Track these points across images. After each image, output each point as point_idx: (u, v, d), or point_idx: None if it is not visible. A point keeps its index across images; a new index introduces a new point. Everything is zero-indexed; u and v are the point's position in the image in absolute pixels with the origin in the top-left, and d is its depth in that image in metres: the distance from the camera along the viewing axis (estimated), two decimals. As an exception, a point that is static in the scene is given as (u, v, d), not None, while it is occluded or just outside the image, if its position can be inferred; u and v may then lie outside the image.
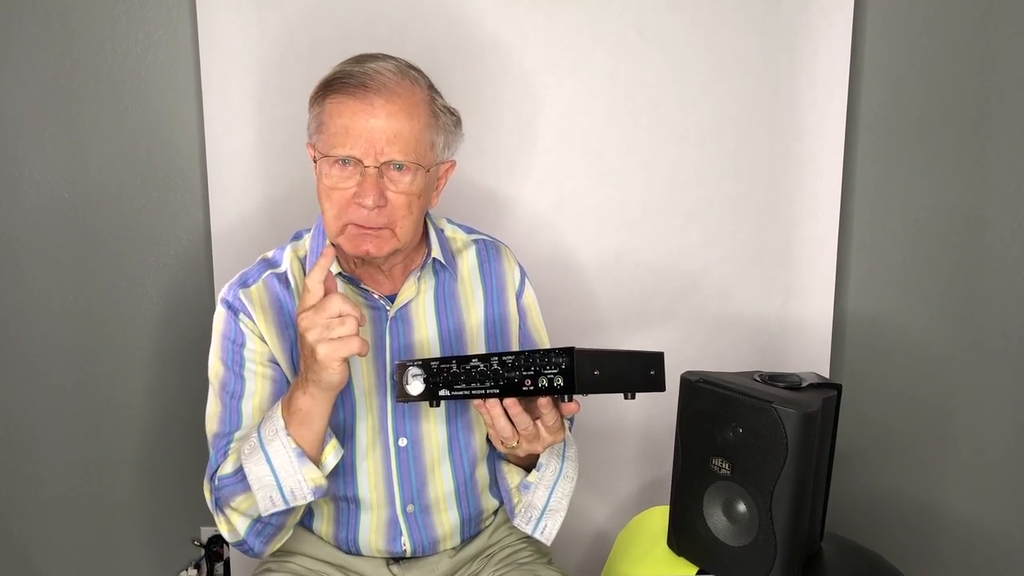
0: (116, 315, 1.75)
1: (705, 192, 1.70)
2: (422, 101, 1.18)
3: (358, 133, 1.14)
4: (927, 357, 1.77)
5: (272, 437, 1.13)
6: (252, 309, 1.23)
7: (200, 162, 1.69)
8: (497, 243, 1.40)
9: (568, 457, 1.27)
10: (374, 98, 1.14)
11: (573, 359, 0.99)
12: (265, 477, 1.13)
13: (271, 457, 1.13)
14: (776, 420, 1.12)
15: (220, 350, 1.25)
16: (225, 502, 1.19)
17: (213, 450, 1.24)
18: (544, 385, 1.02)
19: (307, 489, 1.14)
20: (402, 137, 1.15)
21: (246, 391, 1.23)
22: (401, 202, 1.18)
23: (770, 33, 1.65)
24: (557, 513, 1.24)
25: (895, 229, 1.74)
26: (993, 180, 1.70)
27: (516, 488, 1.27)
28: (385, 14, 1.60)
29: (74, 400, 1.78)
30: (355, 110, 1.15)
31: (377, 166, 1.15)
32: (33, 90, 1.66)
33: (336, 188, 1.17)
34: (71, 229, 1.72)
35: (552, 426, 1.12)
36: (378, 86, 1.15)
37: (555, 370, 1.01)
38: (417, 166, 1.17)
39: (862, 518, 1.82)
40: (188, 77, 1.66)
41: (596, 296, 1.73)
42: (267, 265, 1.29)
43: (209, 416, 1.25)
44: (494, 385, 1.05)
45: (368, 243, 1.19)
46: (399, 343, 1.27)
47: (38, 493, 1.82)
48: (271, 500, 1.14)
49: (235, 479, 1.18)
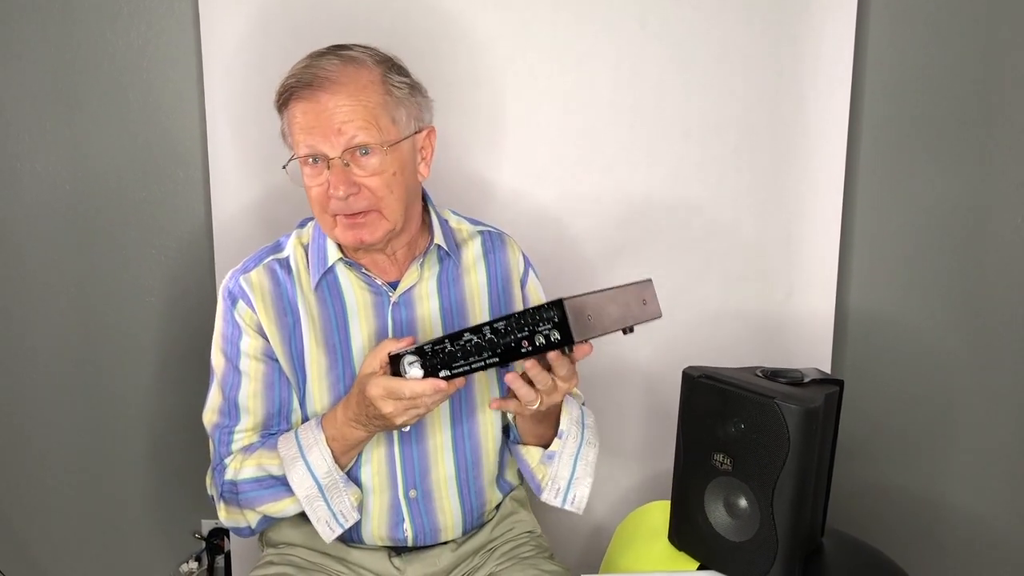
0: (117, 307, 1.75)
1: (707, 186, 1.70)
2: (370, 82, 1.20)
3: (313, 130, 1.18)
4: (929, 353, 1.77)
5: (326, 476, 1.20)
6: (252, 295, 1.26)
7: (201, 153, 1.68)
8: (502, 233, 1.41)
9: (588, 425, 1.29)
10: (319, 93, 1.18)
11: (564, 310, 0.98)
12: (320, 509, 1.20)
13: (329, 498, 1.20)
14: (778, 415, 1.12)
15: (220, 340, 1.28)
16: (247, 504, 1.23)
17: (215, 442, 1.27)
18: (542, 343, 1.01)
19: (354, 509, 1.23)
20: (355, 120, 1.18)
21: (241, 385, 1.26)
22: (377, 183, 1.20)
23: (773, 27, 1.64)
24: (584, 480, 1.26)
25: (898, 224, 1.74)
26: (996, 175, 1.70)
27: (539, 463, 1.28)
28: (387, 5, 1.60)
29: (75, 392, 1.78)
30: (305, 109, 1.19)
31: (339, 156, 1.18)
32: (34, 82, 1.66)
33: (312, 187, 1.21)
34: (72, 221, 1.72)
35: (565, 374, 1.11)
36: (321, 81, 1.18)
37: (549, 325, 1.00)
38: (380, 146, 1.19)
39: (864, 514, 1.82)
40: (190, 68, 1.66)
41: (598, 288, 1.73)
42: (270, 251, 1.32)
43: (210, 406, 1.28)
44: (492, 355, 1.04)
45: (360, 231, 1.21)
46: (402, 328, 1.28)
47: (39, 485, 1.82)
48: (329, 527, 1.21)
49: (260, 485, 1.23)
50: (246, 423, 1.26)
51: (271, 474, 1.22)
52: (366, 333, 1.28)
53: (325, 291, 1.28)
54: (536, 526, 1.44)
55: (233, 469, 1.24)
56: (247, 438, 1.26)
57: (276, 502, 1.23)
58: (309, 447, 1.20)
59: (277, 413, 1.27)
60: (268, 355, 1.26)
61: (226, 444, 1.26)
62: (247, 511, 1.24)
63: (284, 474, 1.20)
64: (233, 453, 1.26)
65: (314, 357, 1.26)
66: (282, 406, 1.27)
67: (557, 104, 1.66)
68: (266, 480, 1.22)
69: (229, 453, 1.26)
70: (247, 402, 1.26)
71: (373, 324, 1.28)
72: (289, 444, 1.21)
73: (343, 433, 1.18)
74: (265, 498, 1.23)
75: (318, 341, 1.26)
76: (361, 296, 1.28)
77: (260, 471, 1.22)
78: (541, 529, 1.45)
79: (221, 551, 1.84)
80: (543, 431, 1.28)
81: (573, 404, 1.29)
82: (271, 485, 1.22)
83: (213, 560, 1.85)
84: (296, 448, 1.20)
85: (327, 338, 1.27)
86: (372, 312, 1.28)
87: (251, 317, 1.26)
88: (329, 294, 1.28)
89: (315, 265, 1.28)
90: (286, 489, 1.21)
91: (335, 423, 1.19)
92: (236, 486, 1.23)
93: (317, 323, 1.27)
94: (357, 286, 1.28)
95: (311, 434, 1.20)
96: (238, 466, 1.24)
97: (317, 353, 1.26)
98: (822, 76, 1.66)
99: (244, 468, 1.23)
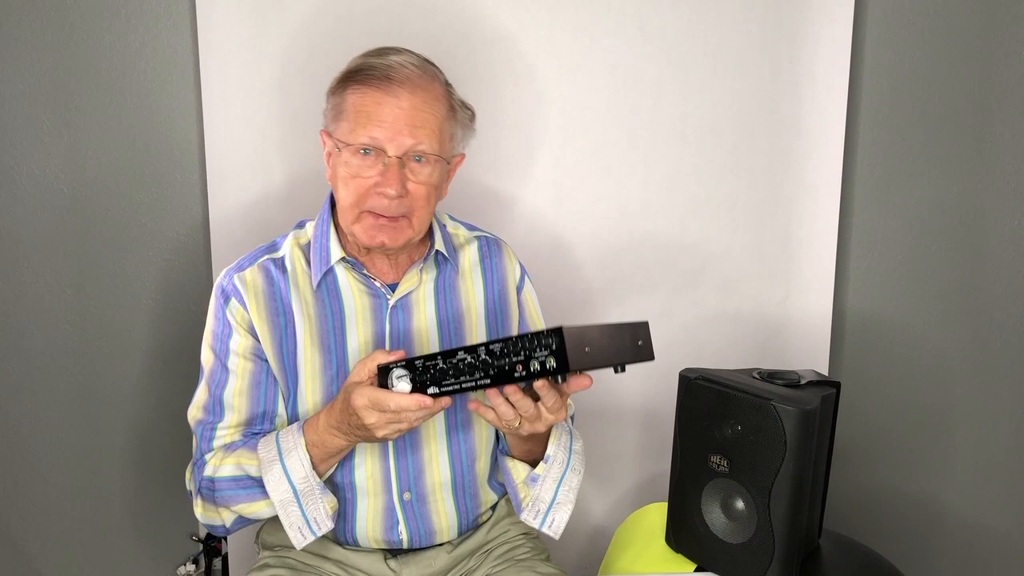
0: (114, 309, 1.75)
1: (705, 188, 1.70)
2: (442, 95, 1.22)
3: (381, 122, 1.17)
4: (926, 354, 1.77)
5: (303, 481, 1.18)
6: (245, 293, 1.25)
7: (199, 155, 1.68)
8: (498, 240, 1.41)
9: (575, 451, 1.28)
10: (398, 89, 1.17)
11: (563, 338, 0.97)
12: (294, 514, 1.18)
13: (303, 504, 1.18)
14: (775, 417, 1.12)
15: (211, 337, 1.28)
16: (223, 502, 1.22)
17: (197, 436, 1.28)
18: (536, 369, 1.00)
19: (328, 518, 1.20)
20: (425, 128, 1.18)
21: (228, 382, 1.26)
22: (421, 192, 1.21)
23: (771, 29, 1.65)
24: (565, 506, 1.25)
25: (895, 226, 1.74)
26: (993, 177, 1.70)
27: (523, 482, 1.27)
28: (385, 7, 1.60)
29: (72, 394, 1.78)
30: (378, 100, 1.17)
31: (399, 156, 1.18)
32: (31, 83, 1.66)
33: (357, 176, 1.20)
34: (69, 223, 1.71)
35: (552, 406, 1.11)
36: (402, 78, 1.17)
37: (546, 351, 0.99)
38: (437, 157, 1.21)
39: (860, 515, 1.82)
40: (187, 70, 1.66)
41: (595, 292, 1.73)
42: (266, 250, 1.31)
43: (195, 403, 1.29)
44: (484, 376, 1.03)
45: (383, 234, 1.21)
46: (399, 332, 1.28)
47: (35, 487, 1.82)
48: (301, 533, 1.19)
49: (238, 485, 1.21)
50: (229, 420, 1.26)
51: (248, 474, 1.20)
52: (362, 336, 1.27)
53: (324, 292, 1.27)
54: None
55: (212, 466, 1.23)
56: (229, 435, 1.26)
57: (251, 503, 1.21)
58: (288, 451, 1.18)
59: (262, 414, 1.27)
60: (257, 355, 1.26)
61: (208, 440, 1.26)
62: (222, 509, 1.23)
63: (261, 476, 1.19)
64: (214, 450, 1.25)
65: (308, 356, 1.26)
66: (267, 407, 1.27)
67: (555, 107, 1.66)
68: (243, 480, 1.21)
69: (210, 449, 1.26)
70: (232, 399, 1.25)
71: (370, 327, 1.28)
72: (269, 446, 1.20)
73: (323, 439, 1.17)
74: (241, 498, 1.21)
75: (313, 341, 1.26)
76: (359, 299, 1.28)
77: (238, 470, 1.21)
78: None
79: (218, 553, 1.84)
80: (531, 447, 1.27)
81: (563, 429, 1.28)
82: (248, 486, 1.20)
83: (210, 563, 1.85)
84: (276, 451, 1.19)
85: (323, 339, 1.26)
86: (370, 315, 1.28)
87: (243, 315, 1.25)
88: (328, 295, 1.27)
89: (316, 264, 1.27)
90: (262, 491, 1.19)
91: (316, 429, 1.18)
92: (214, 483, 1.22)
93: (314, 323, 1.26)
94: (356, 288, 1.28)
95: (291, 438, 1.19)
96: (217, 463, 1.23)
97: (312, 352, 1.26)
98: (819, 78, 1.66)
99: (223, 466, 1.22)
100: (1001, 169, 1.69)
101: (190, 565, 1.84)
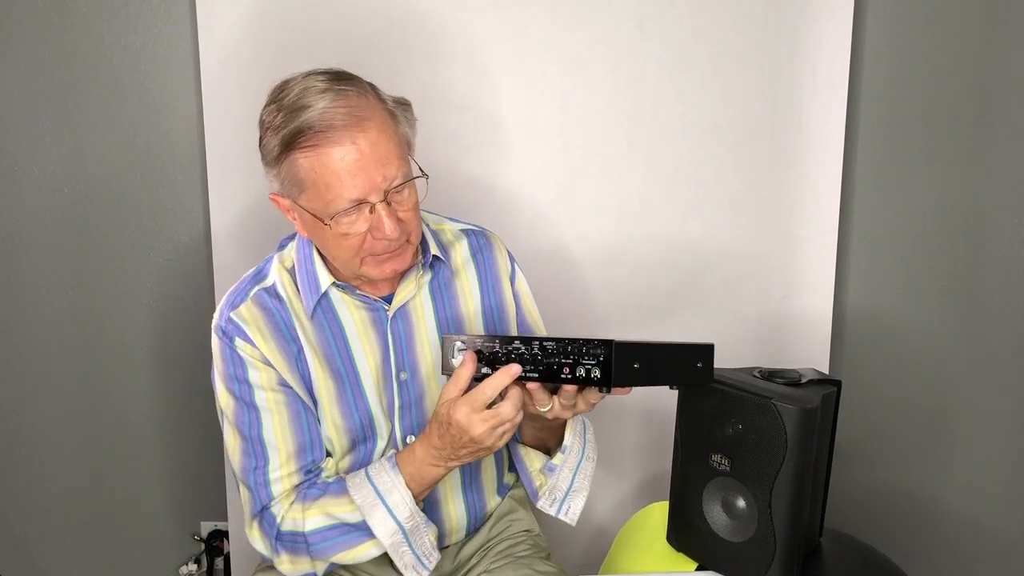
0: (115, 310, 1.75)
1: (705, 187, 1.70)
2: (381, 110, 1.13)
3: (352, 177, 1.09)
4: (927, 353, 1.78)
5: (409, 519, 1.16)
6: (247, 329, 1.19)
7: (200, 156, 1.68)
8: (486, 232, 1.38)
9: (588, 439, 1.29)
10: (346, 135, 1.08)
11: (612, 352, 0.97)
12: (407, 556, 1.17)
13: (412, 542, 1.17)
14: (775, 416, 1.12)
15: (224, 380, 1.21)
16: (320, 555, 1.18)
17: (250, 487, 1.20)
18: (582, 375, 1.00)
19: (434, 548, 1.19)
20: (389, 157, 1.11)
21: (263, 422, 1.19)
22: (411, 216, 1.16)
23: (771, 27, 1.65)
24: (581, 493, 1.25)
25: (895, 225, 1.74)
26: (994, 176, 1.70)
27: (539, 471, 1.27)
28: (384, 7, 1.60)
29: (74, 395, 1.78)
30: (339, 155, 1.08)
31: (383, 199, 1.11)
32: (31, 84, 1.66)
33: (348, 235, 1.13)
34: (70, 224, 1.71)
35: (593, 403, 1.10)
36: (346, 122, 1.08)
37: (593, 361, 0.99)
38: (412, 177, 1.16)
39: (861, 514, 1.82)
40: (187, 70, 1.66)
41: (595, 291, 1.73)
42: (254, 281, 1.24)
43: (231, 449, 1.22)
44: (534, 369, 1.04)
45: (391, 264, 1.17)
46: (401, 341, 1.27)
47: (38, 488, 1.82)
48: (415, 572, 1.18)
49: (336, 534, 1.17)
50: (277, 460, 1.19)
51: (344, 521, 1.16)
52: (369, 352, 1.24)
53: (321, 316, 1.23)
54: (535, 525, 1.44)
55: (292, 520, 1.17)
56: (287, 479, 1.20)
57: (351, 549, 1.17)
58: (388, 491, 1.15)
59: (309, 444, 1.21)
60: (282, 384, 1.20)
61: (264, 487, 1.19)
62: (318, 562, 1.18)
63: (361, 520, 1.15)
64: (276, 498, 1.19)
65: (322, 384, 1.22)
66: (311, 435, 1.22)
67: (555, 106, 1.66)
68: (339, 527, 1.16)
69: (271, 497, 1.19)
70: (272, 437, 1.19)
71: (373, 339, 1.25)
72: (364, 489, 1.16)
73: (422, 471, 1.15)
74: (340, 546, 1.17)
75: (323, 367, 1.22)
76: (358, 315, 1.24)
77: (330, 519, 1.16)
78: (540, 529, 1.45)
79: (220, 553, 1.84)
80: (545, 436, 1.27)
81: (577, 418, 1.28)
82: (346, 532, 1.16)
83: (212, 562, 1.85)
84: (373, 493, 1.15)
85: (331, 363, 1.23)
86: (372, 330, 1.25)
87: (253, 351, 1.19)
88: (325, 319, 1.23)
89: (307, 293, 1.22)
90: (362, 534, 1.16)
91: (413, 461, 1.15)
92: (305, 538, 1.17)
93: (318, 349, 1.22)
94: (352, 306, 1.24)
95: (387, 476, 1.16)
96: (299, 516, 1.17)
97: (324, 379, 1.22)
98: (820, 77, 1.66)
99: (309, 519, 1.17)
100: (1001, 168, 1.69)
101: (192, 564, 1.84)
